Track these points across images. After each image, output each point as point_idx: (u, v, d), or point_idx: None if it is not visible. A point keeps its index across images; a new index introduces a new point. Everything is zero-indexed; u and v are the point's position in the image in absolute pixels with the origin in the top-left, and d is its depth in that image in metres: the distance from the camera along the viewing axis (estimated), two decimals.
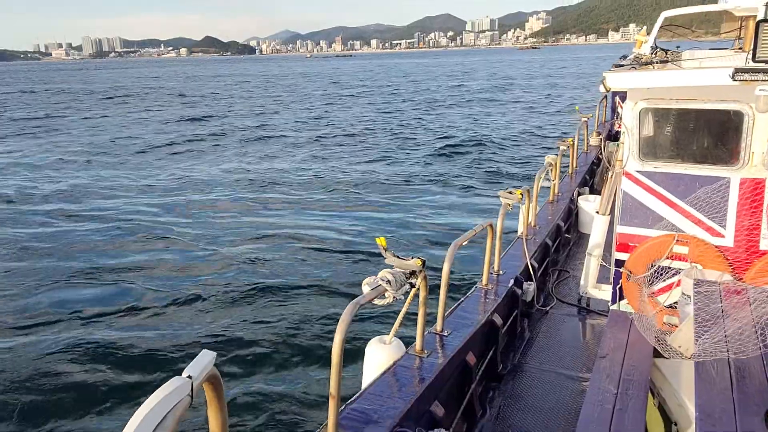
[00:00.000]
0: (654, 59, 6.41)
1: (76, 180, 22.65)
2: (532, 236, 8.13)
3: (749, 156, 5.50)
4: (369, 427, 3.63)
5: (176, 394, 1.93)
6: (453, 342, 4.94)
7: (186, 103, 58.81)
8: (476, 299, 6.03)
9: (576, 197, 10.81)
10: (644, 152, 5.97)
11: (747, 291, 4.58)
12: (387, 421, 3.69)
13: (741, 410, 3.36)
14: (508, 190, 6.84)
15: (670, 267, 5.92)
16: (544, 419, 5.26)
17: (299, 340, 9.54)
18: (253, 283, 11.92)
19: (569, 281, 8.47)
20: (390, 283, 3.84)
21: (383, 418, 3.72)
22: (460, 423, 4.96)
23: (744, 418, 3.29)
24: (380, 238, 4.11)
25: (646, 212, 6.02)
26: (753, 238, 5.60)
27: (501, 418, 5.31)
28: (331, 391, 3.31)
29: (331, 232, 15.23)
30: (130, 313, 10.74)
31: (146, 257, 13.64)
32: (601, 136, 15.43)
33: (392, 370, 4.38)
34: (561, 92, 58.19)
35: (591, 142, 15.08)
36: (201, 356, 2.14)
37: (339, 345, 3.32)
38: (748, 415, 3.31)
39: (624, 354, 4.97)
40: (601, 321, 7.13)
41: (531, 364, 6.23)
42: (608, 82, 5.74)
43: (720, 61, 6.41)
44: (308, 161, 25.63)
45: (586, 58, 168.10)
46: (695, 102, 5.61)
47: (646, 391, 4.45)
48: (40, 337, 9.86)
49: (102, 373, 8.69)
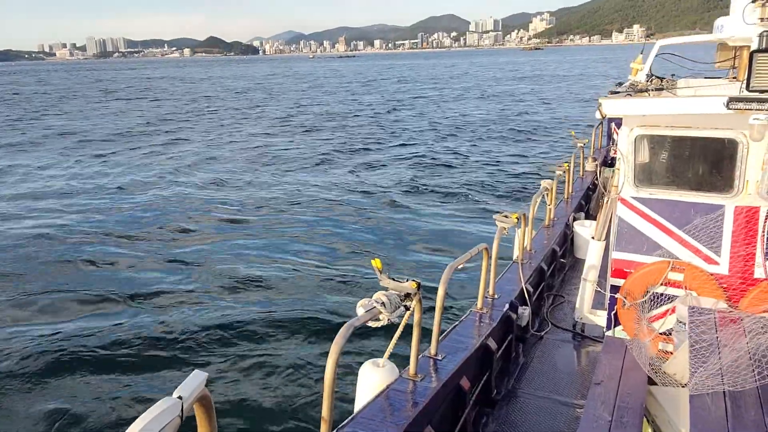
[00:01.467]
0: (649, 86, 6.48)
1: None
2: (527, 260, 8.13)
3: (744, 184, 5.54)
4: None
5: (166, 415, 1.91)
6: (447, 366, 4.91)
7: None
8: (471, 323, 6.01)
9: (572, 222, 10.84)
10: (639, 179, 6.00)
11: (742, 320, 4.58)
12: None
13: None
14: (503, 214, 6.85)
15: (665, 294, 5.91)
16: None
17: (292, 360, 9.45)
18: (244, 302, 11.85)
19: (564, 306, 8.45)
20: (384, 305, 3.82)
21: None
22: None
23: None
24: (376, 259, 4.10)
25: (641, 238, 6.04)
26: (748, 266, 5.61)
27: None
28: (323, 414, 3.28)
29: (325, 252, 15.20)
30: (116, 328, 10.64)
31: (137, 269, 13.57)
32: (597, 161, 15.52)
33: (385, 393, 4.34)
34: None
35: (587, 168, 15.16)
36: (192, 376, 2.12)
37: (332, 368, 3.29)
38: None
39: (619, 381, 4.94)
40: (596, 347, 7.09)
41: (525, 390, 6.18)
42: (604, 108, 5.80)
43: (715, 89, 6.48)
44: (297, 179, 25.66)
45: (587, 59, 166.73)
46: (690, 129, 5.66)
47: (641, 418, 4.41)
48: (24, 346, 9.76)
49: (89, 389, 8.59)
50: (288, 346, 9.95)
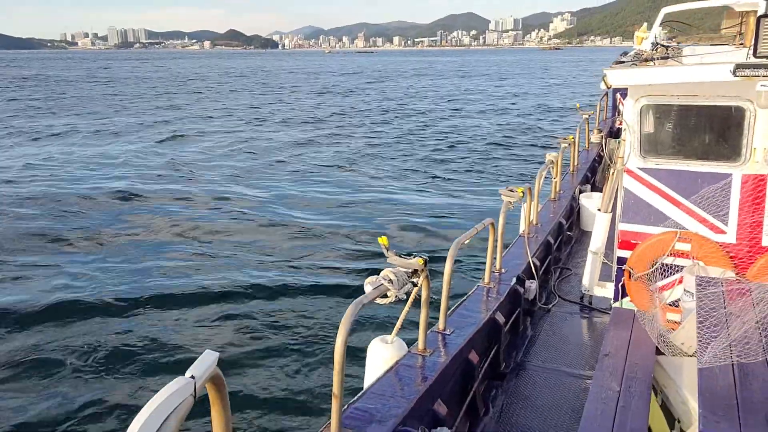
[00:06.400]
0: (654, 55, 6.39)
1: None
2: (533, 234, 8.12)
3: (751, 152, 5.49)
4: (372, 426, 3.63)
5: (179, 395, 1.93)
6: (455, 341, 4.94)
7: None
8: (478, 298, 6.03)
9: (578, 195, 10.80)
10: (645, 149, 5.96)
11: (750, 291, 4.57)
12: (390, 420, 3.68)
13: (744, 408, 3.35)
14: (509, 188, 6.83)
15: (672, 264, 5.91)
16: (547, 417, 5.25)
17: (301, 339, 9.55)
18: (254, 282, 11.92)
19: (571, 279, 8.46)
20: (392, 282, 3.83)
21: (386, 417, 3.72)
22: (462, 422, 4.95)
23: (747, 415, 3.29)
24: (382, 237, 4.10)
25: (647, 209, 6.01)
26: (755, 234, 5.58)
27: (504, 417, 5.31)
28: (334, 391, 3.31)
29: (333, 231, 15.24)
30: (131, 311, 10.75)
31: (146, 255, 13.65)
32: (603, 133, 15.42)
33: (395, 369, 4.38)
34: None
35: (592, 140, 15.07)
36: (204, 356, 2.15)
37: (341, 345, 3.32)
38: (751, 413, 3.31)
39: (627, 352, 4.96)
40: (603, 319, 7.12)
41: (533, 363, 6.23)
42: (609, 78, 5.73)
43: (721, 56, 6.39)
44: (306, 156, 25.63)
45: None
46: (696, 98, 5.60)
47: (649, 388, 4.45)
48: (38, 332, 9.88)
49: (104, 372, 8.70)
50: (297, 325, 10.03)
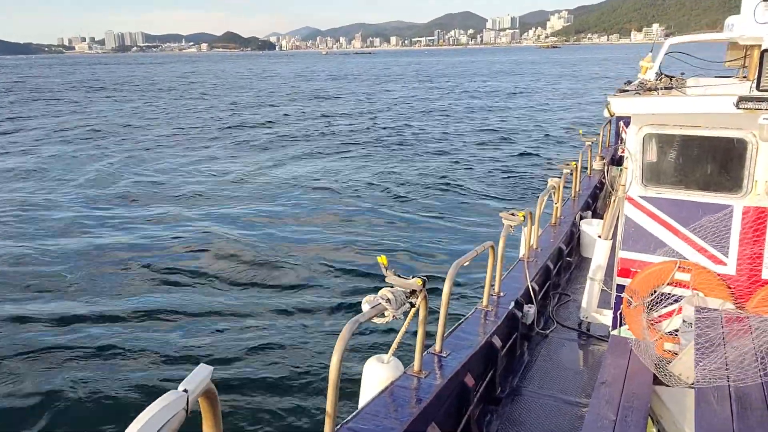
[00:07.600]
0: (658, 85, 6.44)
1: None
2: (533, 259, 8.11)
3: (752, 184, 5.50)
4: None
5: (171, 408, 1.92)
6: (451, 363, 4.91)
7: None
8: (476, 320, 6.00)
9: (578, 221, 10.80)
10: (647, 178, 5.97)
11: (748, 319, 4.56)
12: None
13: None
14: (510, 212, 6.83)
15: (671, 294, 5.89)
16: None
17: (297, 356, 9.48)
18: (250, 299, 11.89)
19: (570, 305, 8.43)
20: (390, 301, 3.82)
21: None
22: None
23: None
24: (381, 256, 4.10)
25: (648, 238, 6.01)
26: (755, 266, 5.57)
27: None
28: (328, 410, 3.28)
29: (332, 248, 15.21)
30: (125, 322, 10.70)
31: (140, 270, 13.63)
32: (605, 160, 15.45)
33: (389, 389, 4.34)
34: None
35: (594, 166, 15.10)
36: (198, 370, 2.13)
37: (337, 363, 3.30)
38: None
39: (624, 380, 4.93)
40: (601, 346, 7.08)
41: (530, 388, 6.18)
42: (612, 107, 5.76)
43: (724, 88, 6.44)
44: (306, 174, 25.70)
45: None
46: (699, 129, 5.63)
47: (646, 418, 4.40)
48: (32, 340, 9.83)
49: (97, 383, 8.64)
50: (293, 341, 9.97)
